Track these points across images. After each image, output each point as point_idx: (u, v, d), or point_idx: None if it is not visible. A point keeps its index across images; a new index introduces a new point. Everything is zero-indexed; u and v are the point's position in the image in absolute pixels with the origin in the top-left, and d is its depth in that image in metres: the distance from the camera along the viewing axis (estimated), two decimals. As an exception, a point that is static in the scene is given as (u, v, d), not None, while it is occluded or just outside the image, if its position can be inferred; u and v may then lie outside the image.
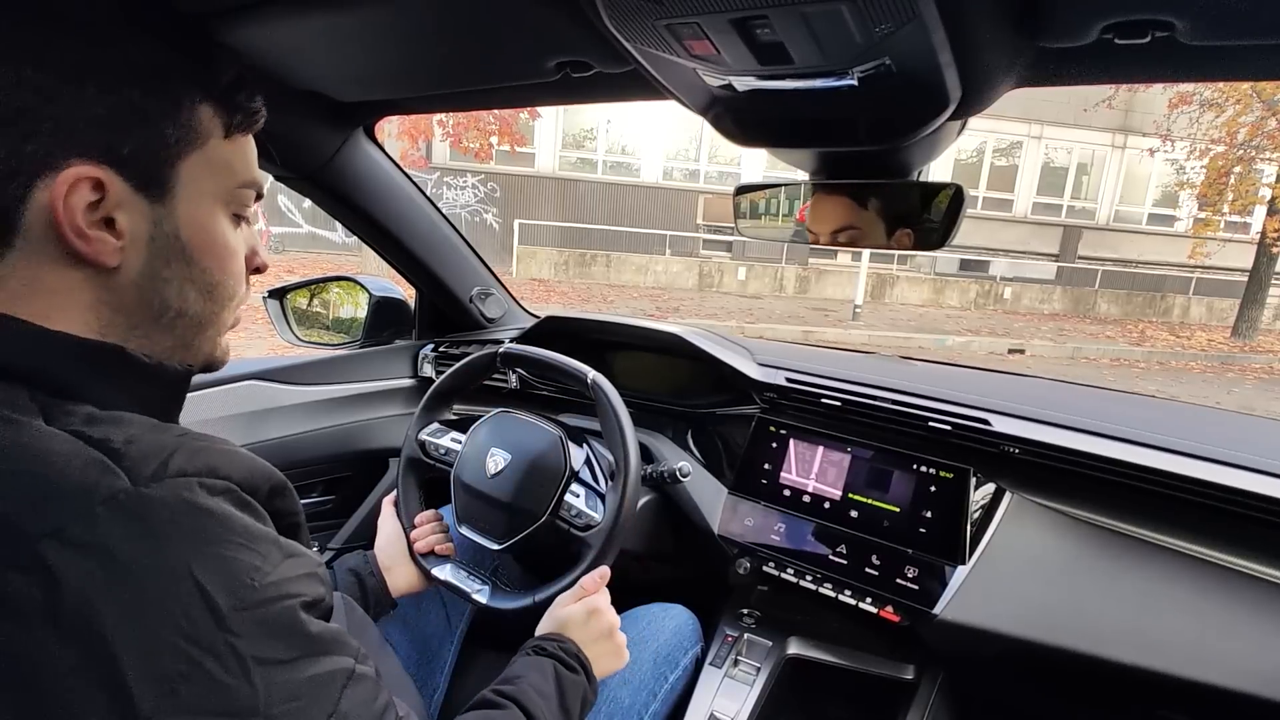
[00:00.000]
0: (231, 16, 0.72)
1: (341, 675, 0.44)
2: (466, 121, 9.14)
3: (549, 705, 0.69)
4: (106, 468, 0.39)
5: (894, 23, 0.50)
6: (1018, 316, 10.99)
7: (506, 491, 0.95)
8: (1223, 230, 11.74)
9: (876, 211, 0.80)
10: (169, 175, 0.48)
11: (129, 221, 0.46)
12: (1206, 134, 9.80)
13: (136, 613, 0.36)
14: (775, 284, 11.37)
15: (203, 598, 0.38)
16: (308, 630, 0.43)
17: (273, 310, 1.44)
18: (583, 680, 0.75)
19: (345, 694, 0.44)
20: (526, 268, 10.82)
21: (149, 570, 0.37)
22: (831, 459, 1.06)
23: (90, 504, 0.37)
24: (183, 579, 0.37)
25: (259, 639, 0.40)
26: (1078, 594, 0.86)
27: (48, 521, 0.36)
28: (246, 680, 0.38)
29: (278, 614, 0.41)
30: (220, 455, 0.44)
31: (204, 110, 0.50)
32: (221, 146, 0.51)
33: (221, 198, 0.52)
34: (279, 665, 0.40)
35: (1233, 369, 8.39)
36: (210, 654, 0.37)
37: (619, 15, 0.55)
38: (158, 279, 0.49)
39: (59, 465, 0.38)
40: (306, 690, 0.41)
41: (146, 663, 0.36)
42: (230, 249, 0.53)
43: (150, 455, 0.41)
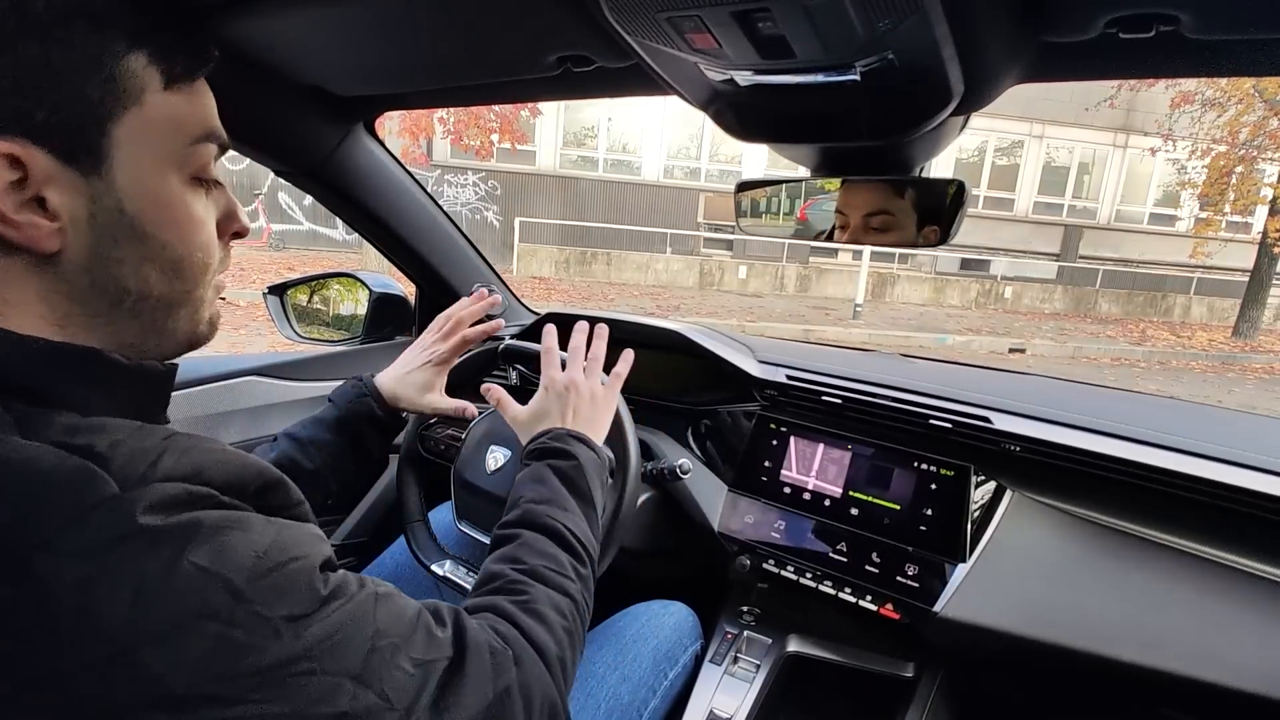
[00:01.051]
0: (231, 10, 0.71)
1: (368, 600, 0.44)
2: (467, 119, 9.14)
3: (561, 504, 0.68)
4: (93, 474, 0.37)
5: (896, 16, 0.49)
6: (1019, 316, 10.99)
7: (506, 487, 0.94)
8: (1224, 230, 11.74)
9: (911, 202, 0.79)
10: (100, 141, 0.42)
11: (62, 199, 0.41)
12: (1208, 133, 9.80)
13: (146, 605, 0.35)
14: (776, 282, 11.36)
15: (212, 579, 0.37)
16: (325, 583, 0.43)
17: (273, 306, 1.44)
18: (585, 457, 0.73)
19: (379, 613, 0.44)
20: (527, 266, 10.82)
21: (147, 567, 0.36)
22: (832, 456, 1.06)
23: (79, 511, 0.36)
24: (184, 569, 0.37)
25: (280, 600, 0.39)
26: (1078, 592, 0.86)
27: (35, 534, 0.35)
28: (278, 637, 0.38)
29: (292, 574, 0.41)
30: (206, 455, 0.42)
31: (133, 60, 0.43)
32: (163, 100, 0.44)
33: (171, 160, 0.46)
34: (307, 617, 0.40)
35: (1234, 368, 8.39)
36: (235, 625, 0.37)
37: (620, 8, 0.55)
38: (109, 261, 0.44)
39: (42, 477, 0.36)
40: (342, 624, 0.42)
41: (169, 649, 0.35)
42: (192, 217, 0.47)
43: (137, 458, 0.39)
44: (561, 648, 0.56)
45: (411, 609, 0.48)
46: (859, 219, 0.83)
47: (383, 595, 0.46)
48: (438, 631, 0.48)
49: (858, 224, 0.83)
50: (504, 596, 0.58)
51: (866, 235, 0.83)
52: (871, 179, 0.82)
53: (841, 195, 0.83)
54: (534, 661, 0.53)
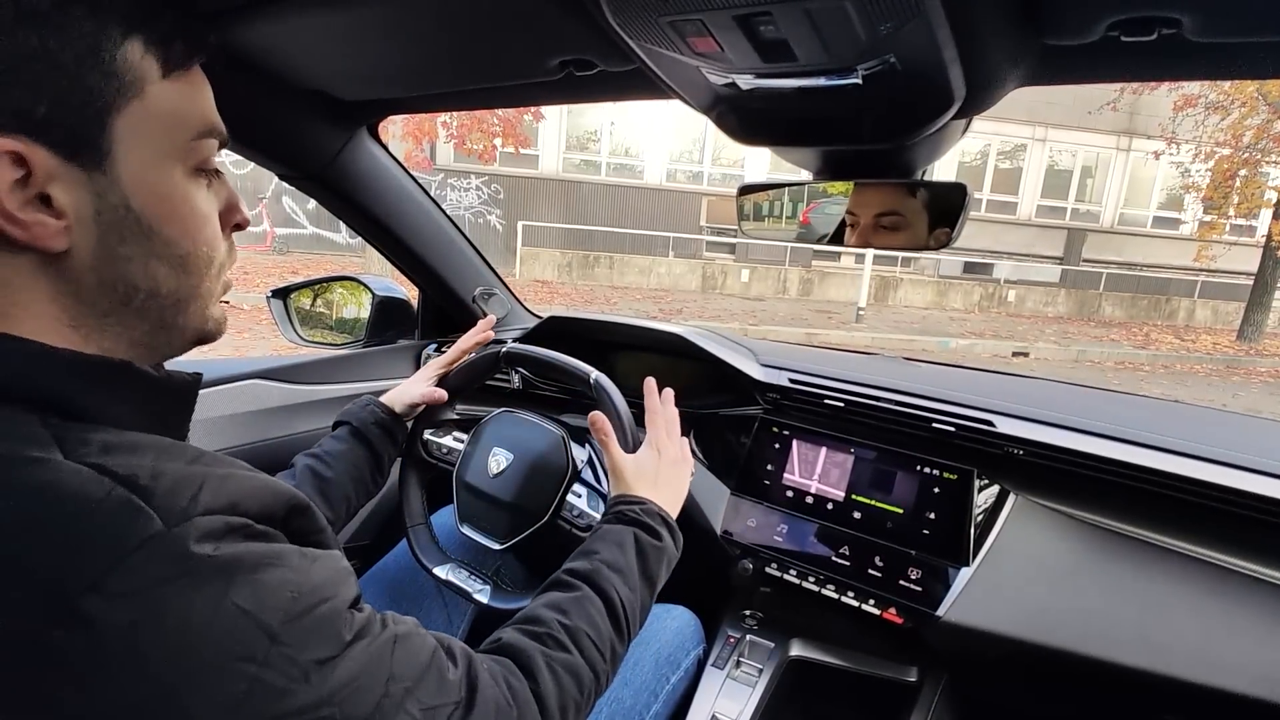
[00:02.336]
0: (235, 15, 0.72)
1: (387, 643, 0.45)
2: (470, 123, 9.17)
3: (627, 579, 0.67)
4: (138, 509, 0.37)
5: (898, 19, 0.49)
6: (1022, 319, 10.97)
7: (509, 491, 0.95)
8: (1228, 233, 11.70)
9: (923, 203, 0.79)
10: (102, 136, 0.41)
11: (68, 197, 0.41)
12: (1212, 137, 9.78)
13: (186, 648, 0.36)
14: (779, 286, 11.36)
15: (251, 620, 0.38)
16: (351, 623, 0.44)
17: (276, 310, 1.44)
18: (667, 544, 0.74)
19: (395, 656, 0.45)
20: (530, 269, 10.84)
21: (192, 607, 0.37)
22: (835, 460, 1.05)
23: (126, 551, 0.36)
24: (227, 609, 0.38)
25: (311, 644, 0.40)
26: (1082, 596, 0.86)
27: (85, 575, 0.35)
28: (306, 681, 0.39)
29: (323, 616, 0.42)
30: (240, 485, 0.43)
31: (131, 48, 0.42)
32: (163, 90, 0.44)
33: (174, 153, 0.45)
34: (333, 660, 0.41)
35: (1238, 372, 8.36)
36: (269, 667, 0.38)
37: (622, 12, 0.55)
38: (117, 259, 0.43)
39: (89, 510, 0.36)
40: (362, 669, 0.43)
41: (207, 691, 0.36)
42: (197, 212, 0.47)
43: (178, 491, 0.39)
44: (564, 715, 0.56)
45: (426, 650, 0.48)
46: (870, 218, 0.82)
47: (401, 636, 0.47)
48: (449, 674, 0.49)
49: (868, 223, 0.83)
50: (538, 646, 0.58)
51: (876, 235, 0.83)
52: (873, 182, 0.82)
53: (853, 194, 0.83)
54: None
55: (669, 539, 0.75)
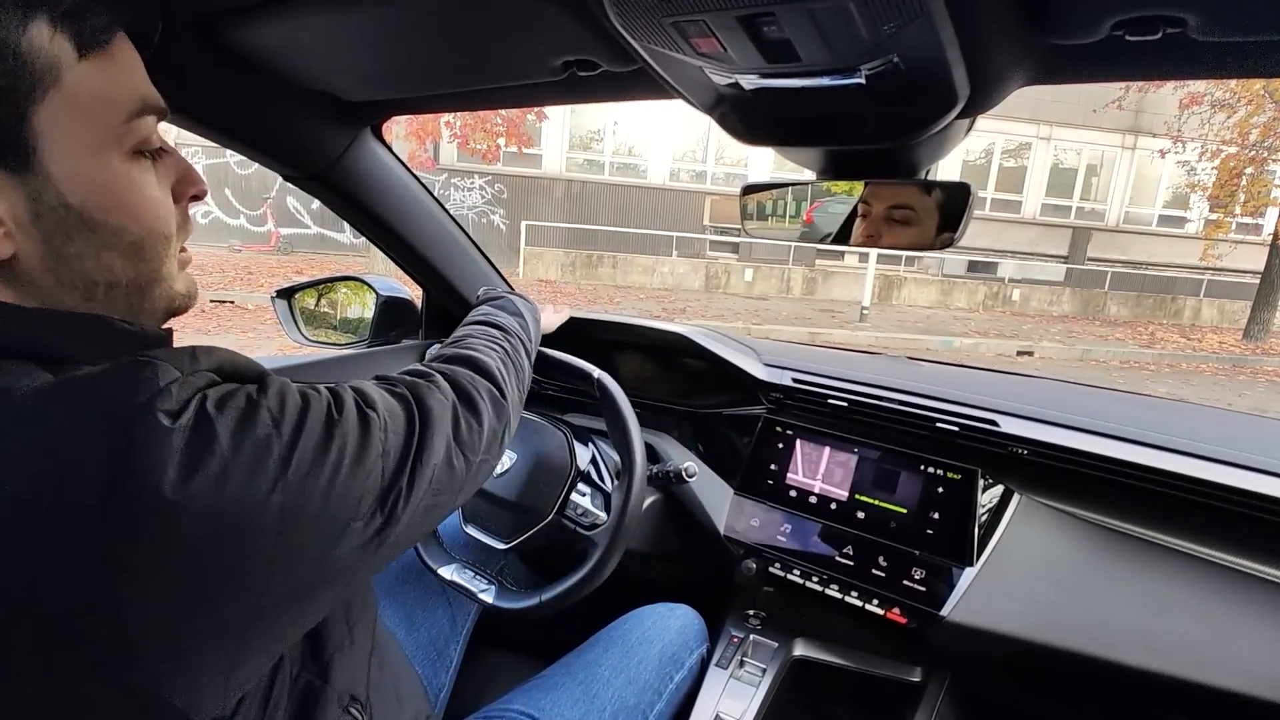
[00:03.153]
0: (239, 16, 0.72)
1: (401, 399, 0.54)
2: (474, 123, 9.18)
3: (491, 318, 0.83)
4: (155, 364, 0.38)
5: (901, 19, 0.49)
6: (1026, 318, 10.93)
7: (513, 491, 0.95)
8: (1234, 232, 11.64)
9: (936, 202, 0.79)
10: (23, 133, 0.38)
11: (1, 204, 0.39)
12: (1218, 135, 9.73)
13: (292, 421, 0.42)
14: (782, 285, 11.34)
15: (298, 392, 0.44)
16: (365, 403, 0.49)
17: (281, 310, 1.45)
18: (511, 311, 0.88)
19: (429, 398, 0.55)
20: (533, 269, 10.84)
21: (235, 402, 0.40)
22: (838, 459, 1.05)
23: (158, 386, 0.37)
24: (284, 384, 0.44)
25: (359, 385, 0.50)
26: (1086, 596, 0.85)
27: (135, 401, 0.36)
28: (384, 454, 0.47)
29: (355, 391, 0.49)
30: (225, 354, 0.44)
31: (36, 32, 0.38)
32: (83, 74, 0.40)
33: (107, 139, 0.42)
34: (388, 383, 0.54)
35: (1244, 371, 8.32)
36: (334, 400, 0.46)
37: (626, 13, 0.55)
38: (67, 256, 0.42)
39: (114, 373, 0.37)
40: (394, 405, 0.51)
41: (296, 445, 0.41)
42: (143, 196, 0.44)
43: (177, 358, 0.40)
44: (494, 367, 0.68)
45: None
46: (882, 209, 0.82)
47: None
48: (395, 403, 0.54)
49: (879, 214, 0.83)
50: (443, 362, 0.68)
51: (885, 228, 0.82)
52: (877, 182, 0.81)
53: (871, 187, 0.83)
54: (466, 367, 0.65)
55: (515, 307, 0.90)
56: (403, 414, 0.51)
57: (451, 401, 0.57)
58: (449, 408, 0.56)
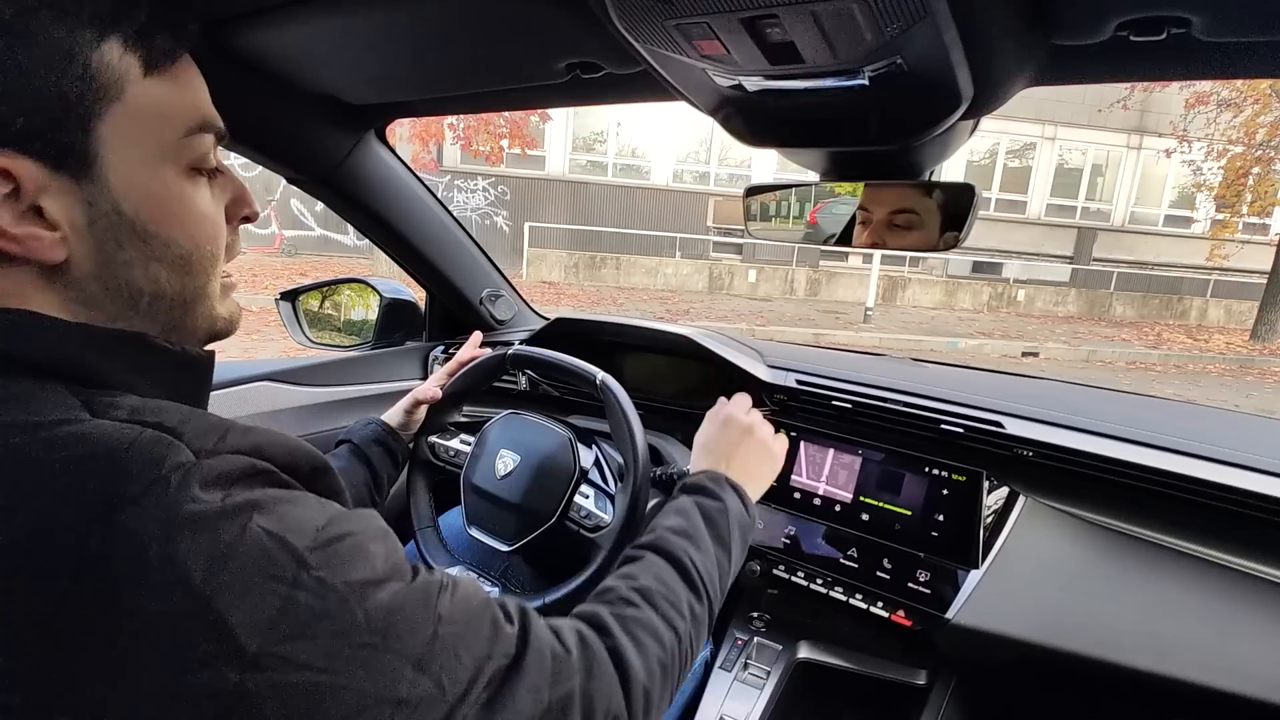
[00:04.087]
0: (244, 21, 0.72)
1: (433, 585, 0.44)
2: (477, 124, 9.21)
3: (696, 542, 0.65)
4: (169, 442, 0.38)
5: (905, 21, 0.49)
6: (1031, 319, 10.89)
7: (516, 493, 0.95)
8: (1241, 232, 11.59)
9: (937, 204, 0.79)
10: (86, 142, 0.40)
11: (59, 207, 0.40)
12: (1224, 134, 9.69)
13: (222, 562, 0.36)
14: (786, 286, 11.33)
15: (279, 543, 0.38)
16: (386, 558, 0.43)
17: (285, 312, 1.45)
18: (731, 504, 0.71)
19: (443, 599, 0.44)
20: (536, 270, 10.85)
21: (226, 525, 0.37)
22: (842, 461, 1.05)
23: (160, 472, 0.37)
24: (253, 531, 0.38)
25: (342, 568, 0.40)
26: (1092, 599, 0.85)
27: (125, 492, 0.36)
28: (344, 604, 0.39)
29: (352, 547, 0.41)
30: (264, 435, 0.43)
31: (108, 50, 0.40)
32: (146, 89, 0.42)
33: (165, 153, 0.44)
34: (369, 585, 0.40)
35: (1251, 372, 8.27)
36: (300, 588, 0.38)
37: (629, 16, 0.55)
38: (116, 264, 0.43)
39: (124, 445, 0.37)
40: (405, 603, 0.41)
41: (243, 605, 0.36)
42: (195, 211, 0.46)
43: (206, 433, 0.40)
44: (650, 677, 0.52)
45: (479, 600, 0.47)
46: (884, 215, 0.82)
47: (449, 583, 0.46)
48: (505, 626, 0.47)
49: (881, 220, 0.82)
50: (606, 607, 0.56)
51: (888, 234, 0.82)
52: (881, 184, 0.81)
53: (867, 190, 0.83)
54: (609, 678, 0.50)
55: (734, 500, 0.72)
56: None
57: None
58: None
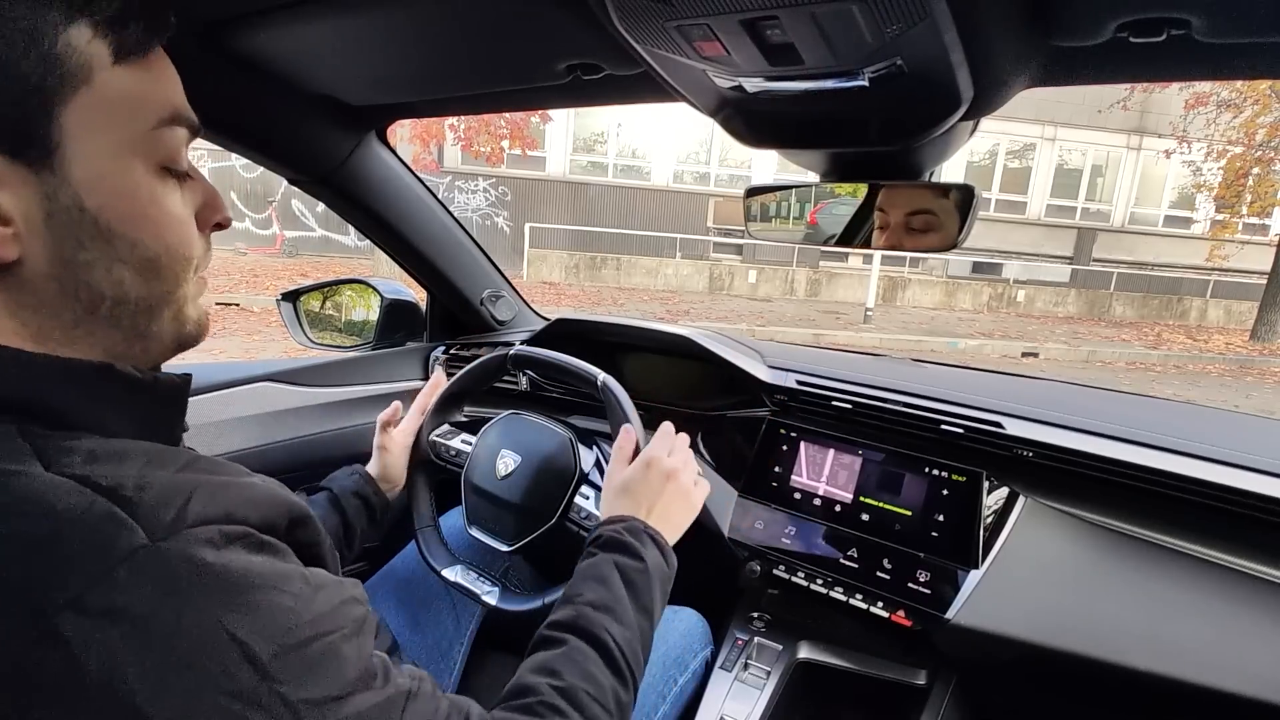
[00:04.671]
0: (244, 21, 0.73)
1: (399, 699, 0.42)
2: (478, 125, 9.22)
3: (619, 616, 0.60)
4: (120, 522, 0.35)
5: (905, 23, 0.49)
6: (1031, 319, 10.89)
7: (516, 493, 0.95)
8: (1241, 232, 11.59)
9: (955, 203, 0.77)
10: (48, 129, 0.37)
11: (14, 201, 0.37)
12: (1224, 135, 9.70)
13: (170, 678, 0.33)
14: (786, 287, 11.33)
15: (240, 650, 0.35)
16: (355, 663, 0.40)
17: (286, 313, 1.45)
18: (653, 563, 0.66)
19: (408, 712, 0.42)
20: (537, 271, 10.86)
21: (178, 631, 0.34)
22: (842, 462, 1.05)
23: (107, 566, 0.33)
24: (216, 635, 0.35)
25: (306, 681, 0.37)
26: (1093, 599, 0.85)
27: (64, 591, 0.33)
28: None
29: (321, 652, 0.38)
30: (236, 494, 0.40)
31: (76, 34, 0.38)
32: (116, 77, 0.40)
33: (133, 146, 0.41)
34: (332, 702, 0.38)
35: (1251, 372, 8.27)
36: (256, 706, 0.35)
37: (629, 17, 0.55)
38: (75, 265, 0.40)
39: (68, 524, 0.34)
40: (368, 716, 0.39)
41: None
42: (164, 211, 0.43)
43: (165, 502, 0.37)
44: None
45: (441, 713, 0.45)
46: (901, 218, 0.81)
47: (414, 694, 0.44)
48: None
49: (899, 223, 0.81)
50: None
51: (907, 236, 0.81)
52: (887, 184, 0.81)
53: (883, 193, 0.81)
54: None
55: (655, 555, 0.68)
56: None
57: None
58: None
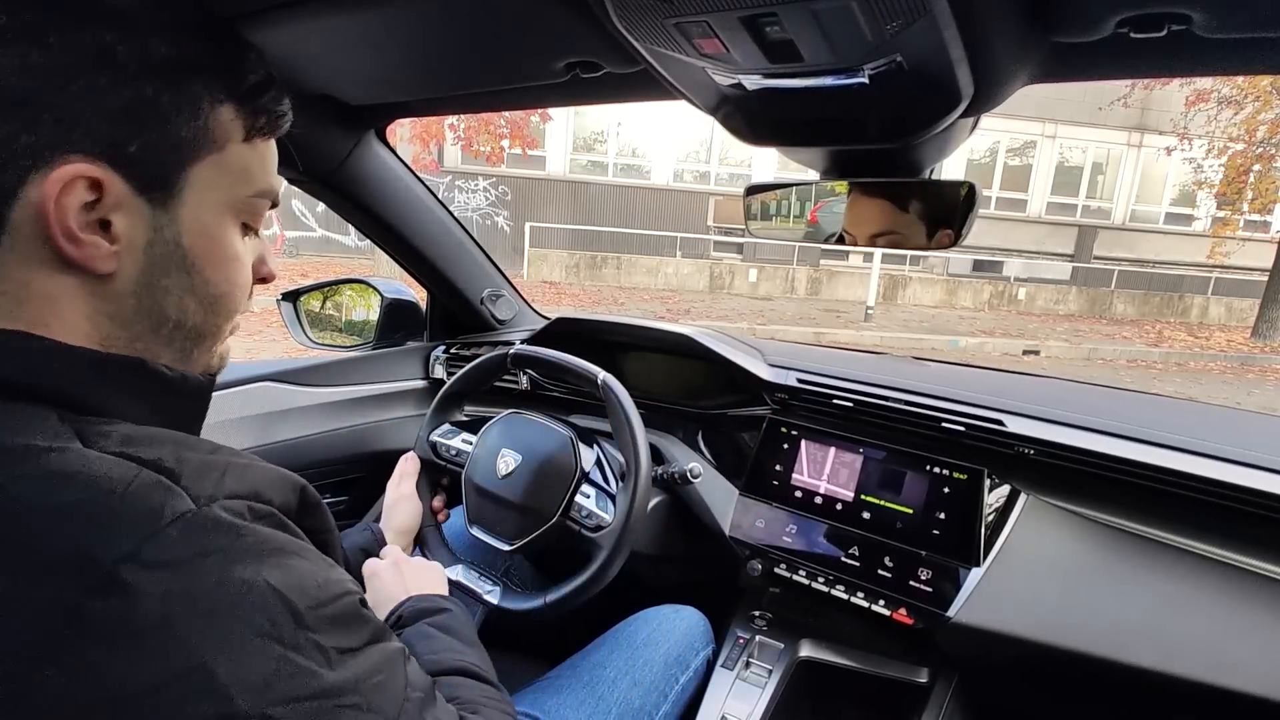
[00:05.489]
0: (243, 21, 0.72)
1: (400, 653, 0.48)
2: (478, 125, 9.21)
3: (450, 651, 0.64)
4: (168, 488, 0.39)
5: (904, 19, 0.49)
6: (1032, 317, 10.88)
7: (517, 492, 0.95)
8: (1242, 229, 11.58)
9: (917, 214, 0.78)
10: (177, 178, 0.45)
11: (126, 225, 0.44)
12: (1225, 132, 9.68)
13: (221, 622, 0.37)
14: (787, 285, 11.33)
15: (281, 601, 0.39)
16: (369, 620, 0.46)
17: (286, 313, 1.45)
18: (452, 606, 0.71)
19: (409, 667, 0.48)
20: (537, 270, 10.86)
21: (225, 581, 0.38)
22: (843, 460, 1.05)
23: (159, 524, 0.37)
24: (259, 587, 0.39)
25: (334, 633, 0.42)
26: (1094, 597, 0.85)
27: (121, 546, 0.36)
28: (330, 667, 0.41)
29: (344, 608, 0.44)
30: (259, 475, 0.45)
31: (225, 111, 0.47)
32: (240, 151, 0.49)
33: (233, 205, 0.49)
34: (355, 651, 0.43)
35: (1253, 370, 8.26)
36: (295, 650, 0.39)
37: (628, 15, 0.55)
38: (156, 288, 0.46)
39: (118, 490, 0.37)
40: (383, 666, 0.45)
41: (238, 666, 0.37)
42: (238, 259, 0.51)
43: (203, 475, 0.41)
44: None
45: (427, 677, 0.51)
46: (865, 239, 0.82)
47: (406, 654, 0.49)
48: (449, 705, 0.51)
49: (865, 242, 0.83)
50: None
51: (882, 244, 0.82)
52: (880, 180, 0.81)
53: (847, 214, 0.83)
54: None
55: (445, 601, 0.72)
56: None
57: None
58: None
